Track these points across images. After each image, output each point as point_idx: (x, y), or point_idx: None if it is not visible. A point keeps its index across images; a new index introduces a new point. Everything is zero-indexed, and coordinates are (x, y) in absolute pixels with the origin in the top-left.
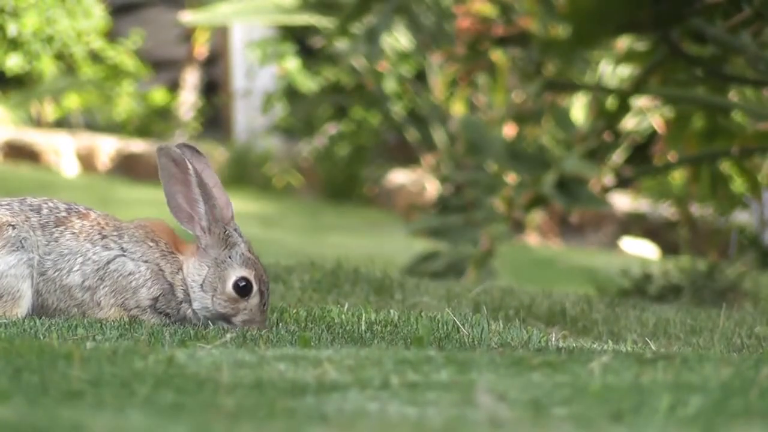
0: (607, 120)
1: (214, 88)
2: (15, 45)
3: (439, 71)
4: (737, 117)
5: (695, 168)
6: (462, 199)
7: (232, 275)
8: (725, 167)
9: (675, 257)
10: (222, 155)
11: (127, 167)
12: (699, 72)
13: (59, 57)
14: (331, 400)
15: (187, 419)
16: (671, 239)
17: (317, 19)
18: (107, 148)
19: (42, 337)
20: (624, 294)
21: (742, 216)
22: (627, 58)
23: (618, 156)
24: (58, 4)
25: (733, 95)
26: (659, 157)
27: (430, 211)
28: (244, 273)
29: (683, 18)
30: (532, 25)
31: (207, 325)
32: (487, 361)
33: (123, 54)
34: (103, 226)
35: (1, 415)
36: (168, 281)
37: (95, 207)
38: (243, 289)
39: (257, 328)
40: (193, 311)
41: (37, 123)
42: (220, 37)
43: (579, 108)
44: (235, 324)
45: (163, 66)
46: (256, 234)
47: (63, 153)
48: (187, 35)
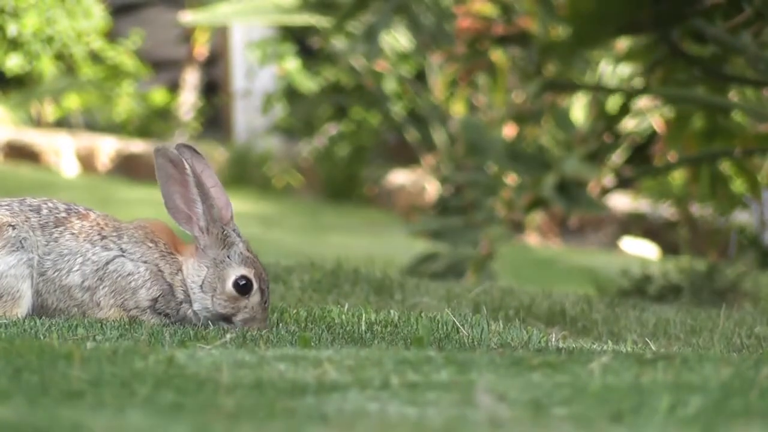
0: (607, 120)
1: (214, 88)
2: (15, 45)
3: (439, 71)
4: (737, 117)
5: (695, 168)
6: (462, 201)
7: (231, 274)
8: (725, 167)
9: (675, 257)
10: (222, 155)
11: (127, 167)
12: (699, 72)
13: (59, 57)
14: (331, 400)
15: (187, 419)
16: (671, 239)
17: (317, 19)
18: (107, 148)
19: (42, 337)
20: (624, 294)
21: (742, 216)
22: (627, 57)
23: (618, 156)
24: (58, 4)
25: (733, 95)
26: (659, 158)
27: (430, 213)
28: (243, 271)
29: (683, 18)
30: (532, 26)
31: (207, 326)
32: (487, 362)
33: (123, 54)
34: (103, 226)
35: (1, 415)
36: (167, 282)
37: (95, 207)
38: (243, 288)
39: (258, 327)
40: (194, 312)
41: (37, 123)
42: (220, 37)
43: (579, 108)
44: (236, 324)
45: (163, 66)
46: (256, 234)
47: (63, 153)
48: (187, 35)
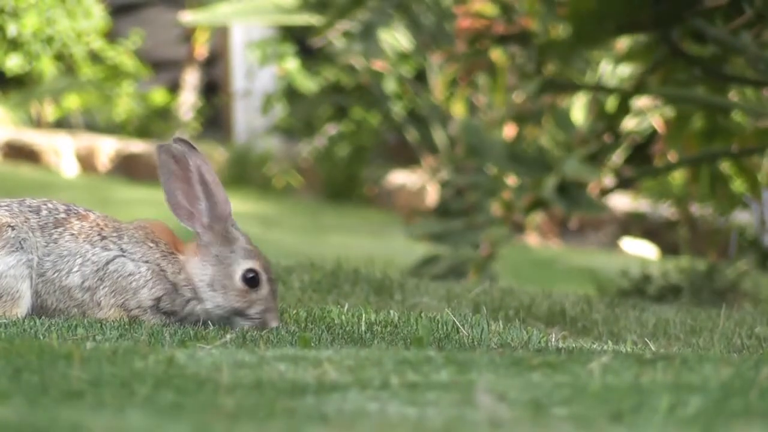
0: (607, 120)
1: (214, 88)
2: (15, 45)
3: (439, 71)
4: (737, 117)
5: (695, 168)
6: (462, 203)
7: (238, 269)
8: (725, 167)
9: (675, 257)
10: (222, 155)
11: (127, 168)
12: (699, 72)
13: (59, 57)
14: (331, 400)
15: (187, 419)
16: (671, 239)
17: (317, 19)
18: (107, 148)
19: (42, 337)
20: (624, 294)
21: (742, 216)
22: (627, 58)
23: (618, 156)
24: (58, 4)
25: (733, 95)
26: (659, 158)
27: (430, 216)
28: (249, 264)
29: (683, 18)
30: (532, 25)
31: (207, 325)
32: (487, 362)
33: (123, 54)
34: (102, 227)
35: (1, 415)
36: (170, 281)
37: (95, 208)
38: (252, 280)
39: (272, 318)
40: (205, 310)
41: (37, 123)
42: (220, 38)
43: (579, 109)
44: (252, 317)
45: (163, 66)
46: (256, 234)
47: (63, 153)
48: (187, 35)
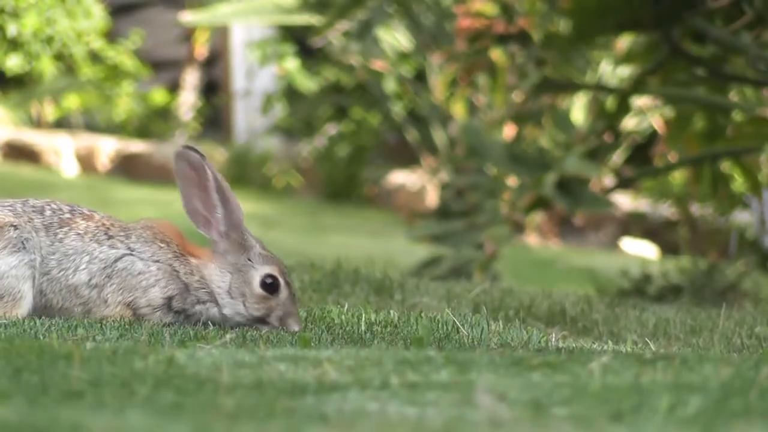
0: (607, 120)
1: (214, 88)
2: (15, 45)
3: (439, 71)
4: (737, 117)
5: (696, 168)
6: (463, 204)
7: (256, 276)
8: (726, 167)
9: (675, 257)
10: (222, 156)
11: (127, 168)
12: (700, 72)
13: (59, 57)
14: (331, 400)
15: (187, 419)
16: (671, 239)
17: (317, 19)
18: (107, 148)
19: (42, 337)
20: (624, 294)
21: (742, 216)
22: (627, 58)
23: (618, 156)
24: (58, 4)
25: (733, 95)
26: (660, 158)
27: (431, 217)
28: (267, 270)
29: (684, 18)
30: (532, 25)
31: (207, 325)
32: (487, 362)
33: (123, 54)
34: (109, 227)
35: (1, 415)
36: (183, 281)
37: (95, 207)
38: (271, 286)
39: (295, 322)
40: (223, 315)
41: (37, 123)
42: (220, 37)
43: (579, 109)
44: (274, 324)
45: (163, 66)
46: (256, 234)
47: (63, 153)
48: (187, 35)
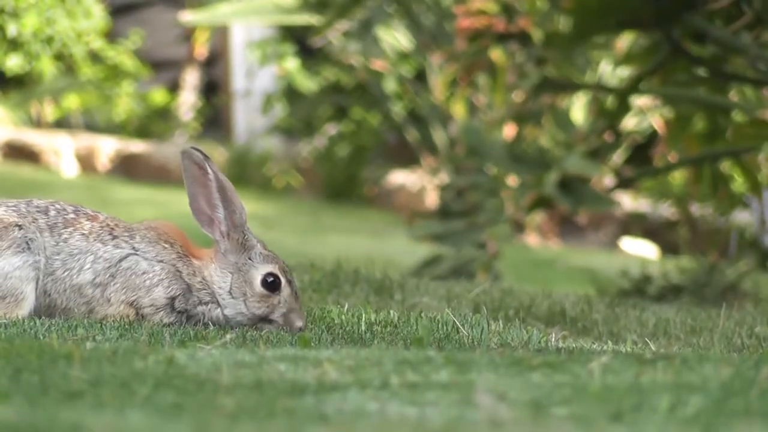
0: (608, 120)
1: (214, 88)
2: (15, 45)
3: (439, 71)
4: (737, 117)
5: (696, 168)
6: (464, 204)
7: (257, 275)
8: (726, 167)
9: (675, 257)
10: (222, 155)
11: (127, 168)
12: (700, 71)
13: (59, 57)
14: (331, 400)
15: (187, 419)
16: (671, 239)
17: (317, 19)
18: (107, 148)
19: (42, 337)
20: (624, 294)
21: (742, 216)
22: (627, 58)
23: (618, 156)
24: (58, 4)
25: (733, 95)
26: (660, 158)
27: (431, 217)
28: (268, 269)
29: (684, 17)
30: (532, 24)
31: (207, 326)
32: (487, 362)
33: (123, 54)
34: (113, 227)
35: (1, 415)
36: (186, 282)
37: (95, 207)
38: (272, 285)
39: (299, 319)
40: (225, 316)
41: (37, 123)
42: (220, 37)
43: (579, 108)
44: (277, 322)
45: (163, 66)
46: (256, 234)
47: (63, 153)
48: (187, 35)
